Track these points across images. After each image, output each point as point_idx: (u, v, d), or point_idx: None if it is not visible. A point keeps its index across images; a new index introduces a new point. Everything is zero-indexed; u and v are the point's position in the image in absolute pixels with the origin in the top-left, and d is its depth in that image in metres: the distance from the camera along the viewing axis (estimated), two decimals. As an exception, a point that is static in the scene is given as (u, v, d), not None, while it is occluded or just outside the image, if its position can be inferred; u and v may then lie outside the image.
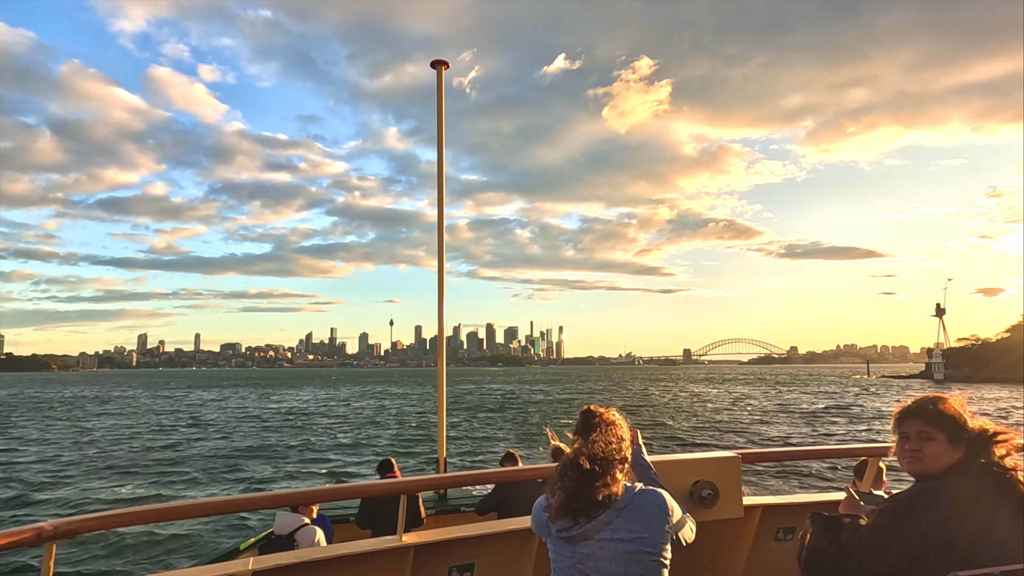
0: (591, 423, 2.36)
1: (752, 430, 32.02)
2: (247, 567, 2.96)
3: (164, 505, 3.91)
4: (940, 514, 1.87)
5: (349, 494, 4.63)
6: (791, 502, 3.89)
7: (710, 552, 3.54)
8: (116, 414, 47.38)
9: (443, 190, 7.99)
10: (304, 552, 3.25)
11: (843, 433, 31.07)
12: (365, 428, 35.08)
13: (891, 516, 1.94)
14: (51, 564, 2.58)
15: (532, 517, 2.39)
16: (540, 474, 3.61)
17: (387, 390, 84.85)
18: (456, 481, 5.58)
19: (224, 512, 3.59)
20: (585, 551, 2.16)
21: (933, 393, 2.15)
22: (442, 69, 8.04)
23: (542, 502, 2.32)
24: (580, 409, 2.48)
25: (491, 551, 3.45)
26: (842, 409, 45.78)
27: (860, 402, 53.03)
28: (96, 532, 3.50)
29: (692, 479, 3.20)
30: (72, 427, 37.38)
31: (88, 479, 19.61)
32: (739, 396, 60.33)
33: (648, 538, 2.17)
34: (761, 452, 5.13)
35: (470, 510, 6.86)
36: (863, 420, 37.29)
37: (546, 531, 2.28)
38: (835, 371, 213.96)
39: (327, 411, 48.31)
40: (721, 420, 37.73)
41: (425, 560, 3.29)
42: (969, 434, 2.02)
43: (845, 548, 1.98)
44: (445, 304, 7.79)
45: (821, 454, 7.07)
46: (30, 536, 2.48)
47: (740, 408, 46.88)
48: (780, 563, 3.76)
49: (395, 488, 3.67)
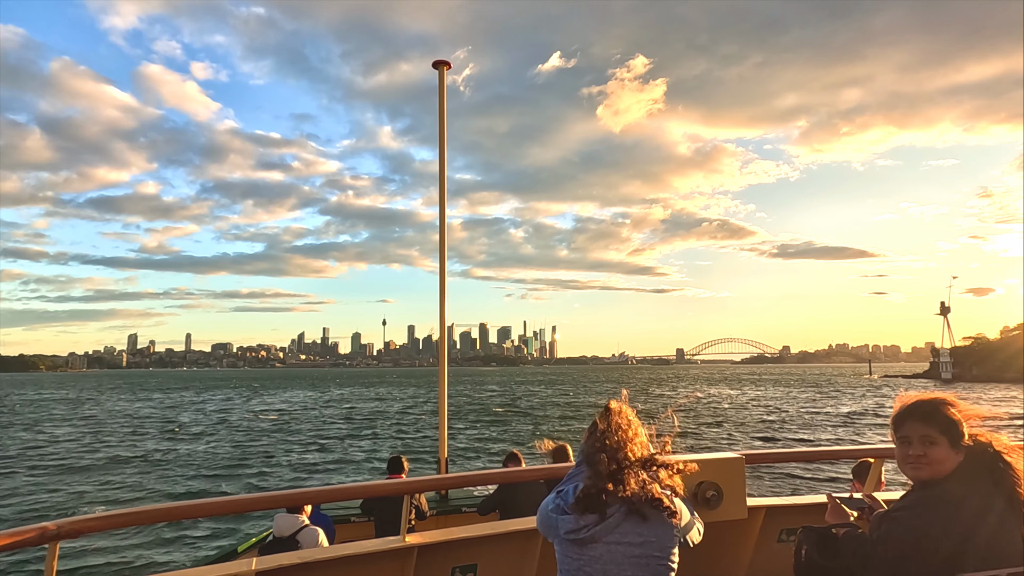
0: (612, 420, 2.30)
1: (781, 435, 30.93)
2: (250, 567, 2.95)
3: (167, 505, 3.84)
4: (948, 519, 1.88)
5: (350, 494, 4.60)
6: (795, 503, 3.92)
7: (714, 553, 3.53)
8: (74, 419, 44.31)
9: (444, 191, 8.10)
10: (307, 552, 3.24)
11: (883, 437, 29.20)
12: (350, 439, 31.97)
13: (900, 523, 1.94)
14: (54, 564, 2.59)
15: (539, 518, 2.31)
16: (543, 475, 3.66)
17: (385, 392, 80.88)
18: (458, 482, 5.30)
19: (227, 512, 3.63)
20: (593, 554, 2.13)
21: (930, 394, 2.12)
22: (444, 69, 8.16)
23: (550, 502, 2.26)
24: (602, 406, 2.41)
25: (494, 552, 3.43)
26: (865, 412, 44.07)
27: (886, 403, 51.03)
28: (99, 532, 3.35)
29: (696, 480, 3.15)
30: (20, 432, 34.59)
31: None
32: (755, 398, 57.93)
33: (656, 542, 2.14)
34: (765, 453, 5.25)
35: (472, 510, 6.88)
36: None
37: (554, 532, 2.21)
38: (835, 371, 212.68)
39: (313, 416, 45.42)
40: (744, 423, 36.61)
41: (428, 560, 3.28)
42: (970, 436, 2.02)
43: (854, 560, 1.98)
44: (447, 304, 8.03)
45: (825, 455, 7.75)
46: (33, 536, 2.50)
47: (761, 411, 44.72)
48: (784, 564, 3.54)
49: (397, 489, 3.77)
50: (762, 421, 38.05)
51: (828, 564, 1.99)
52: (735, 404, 46.72)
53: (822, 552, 2.03)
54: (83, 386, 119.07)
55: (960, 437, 1.99)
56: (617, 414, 2.32)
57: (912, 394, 2.17)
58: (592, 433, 2.32)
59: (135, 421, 42.20)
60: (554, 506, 2.22)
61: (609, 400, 2.41)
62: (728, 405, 50.27)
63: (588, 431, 2.36)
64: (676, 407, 46.14)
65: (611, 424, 2.28)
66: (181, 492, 18.35)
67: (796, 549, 2.16)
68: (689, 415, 41.32)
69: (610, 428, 2.27)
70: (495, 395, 71.25)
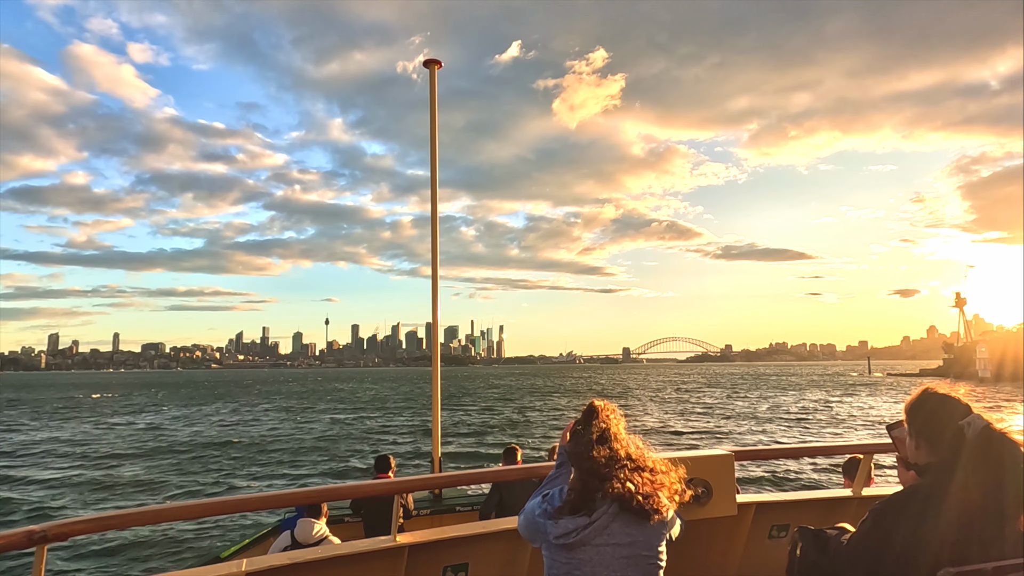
0: (595, 420, 2.28)
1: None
2: (240, 568, 2.92)
3: (156, 507, 3.55)
4: (927, 513, 1.86)
5: (342, 494, 4.64)
6: (785, 500, 3.94)
7: (704, 550, 3.60)
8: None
9: (435, 194, 8.33)
10: (298, 553, 3.26)
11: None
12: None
13: (879, 518, 1.94)
14: (42, 567, 2.57)
15: (524, 523, 2.26)
16: (536, 473, 3.67)
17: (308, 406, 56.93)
18: (450, 481, 5.23)
19: (216, 514, 3.64)
20: (582, 556, 2.11)
21: (925, 389, 2.09)
22: (435, 69, 8.35)
23: (536, 507, 2.22)
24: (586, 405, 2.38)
25: (486, 551, 3.42)
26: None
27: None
28: (88, 535, 3.33)
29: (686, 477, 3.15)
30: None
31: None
32: (774, 404, 51.41)
33: (644, 541, 2.14)
34: (754, 450, 5.48)
35: (465, 510, 7.17)
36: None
37: (542, 537, 2.18)
38: (828, 369, 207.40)
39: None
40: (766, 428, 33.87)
41: (419, 560, 3.27)
42: (952, 430, 1.95)
43: (838, 556, 2.01)
44: (439, 307, 8.09)
45: (814, 451, 7.25)
46: (20, 539, 2.48)
47: (783, 416, 38.84)
48: (774, 561, 3.73)
49: (388, 489, 3.81)
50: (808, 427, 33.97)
51: (820, 561, 1.98)
52: (754, 414, 41.17)
53: (819, 549, 2.03)
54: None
55: (938, 429, 1.98)
56: (601, 413, 2.28)
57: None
58: (576, 433, 2.27)
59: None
60: (541, 511, 2.18)
61: (592, 399, 2.36)
62: (747, 409, 46.06)
63: (571, 431, 2.31)
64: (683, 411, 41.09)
65: (595, 423, 2.24)
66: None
67: (791, 549, 2.14)
68: (683, 414, 39.65)
69: (594, 427, 2.22)
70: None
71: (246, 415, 46.94)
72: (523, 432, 32.87)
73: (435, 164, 8.14)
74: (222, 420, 43.03)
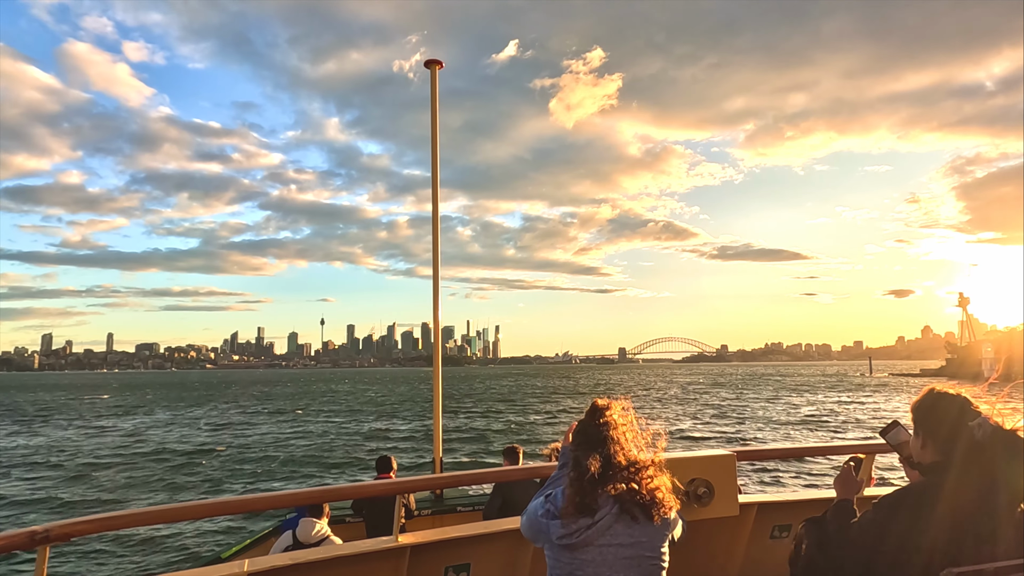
0: (598, 419, 2.25)
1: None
2: (242, 569, 2.93)
3: (158, 507, 3.54)
4: (926, 511, 1.86)
5: (343, 495, 4.65)
6: (787, 500, 3.96)
7: (706, 550, 3.59)
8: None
9: (436, 194, 8.13)
10: (299, 553, 3.24)
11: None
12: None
13: (877, 512, 1.95)
14: (44, 568, 2.57)
15: (527, 524, 2.25)
16: (537, 473, 3.64)
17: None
18: (452, 481, 5.26)
19: (218, 514, 3.46)
20: (585, 557, 2.11)
21: (932, 389, 2.09)
22: (435, 69, 8.15)
23: (538, 507, 2.22)
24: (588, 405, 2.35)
25: (487, 551, 3.42)
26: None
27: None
28: (90, 535, 3.49)
29: (688, 477, 3.17)
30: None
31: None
32: (789, 406, 49.97)
33: (647, 542, 2.15)
34: (756, 450, 6.02)
35: (466, 510, 7.12)
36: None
37: (545, 538, 2.18)
38: (826, 370, 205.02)
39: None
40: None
41: (421, 560, 3.27)
42: (951, 430, 1.96)
43: (839, 549, 2.00)
44: (440, 307, 8.11)
45: (815, 452, 7.40)
46: (23, 539, 2.49)
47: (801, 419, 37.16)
48: (776, 561, 3.72)
49: (389, 489, 3.77)
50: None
51: (822, 558, 1.98)
52: (770, 418, 39.89)
53: (819, 548, 2.03)
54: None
55: (937, 428, 2.00)
56: (604, 412, 2.26)
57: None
58: (578, 433, 2.26)
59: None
60: (544, 511, 2.18)
61: (595, 398, 2.33)
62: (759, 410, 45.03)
63: (574, 430, 2.30)
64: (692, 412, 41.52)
65: (598, 423, 2.23)
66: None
67: (796, 543, 2.13)
68: (693, 416, 39.31)
69: (598, 427, 2.21)
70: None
71: (235, 418, 45.06)
72: (526, 433, 31.70)
73: (436, 164, 8.11)
74: (212, 423, 41.21)
